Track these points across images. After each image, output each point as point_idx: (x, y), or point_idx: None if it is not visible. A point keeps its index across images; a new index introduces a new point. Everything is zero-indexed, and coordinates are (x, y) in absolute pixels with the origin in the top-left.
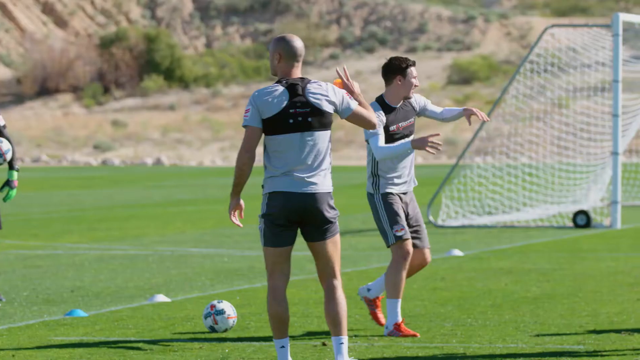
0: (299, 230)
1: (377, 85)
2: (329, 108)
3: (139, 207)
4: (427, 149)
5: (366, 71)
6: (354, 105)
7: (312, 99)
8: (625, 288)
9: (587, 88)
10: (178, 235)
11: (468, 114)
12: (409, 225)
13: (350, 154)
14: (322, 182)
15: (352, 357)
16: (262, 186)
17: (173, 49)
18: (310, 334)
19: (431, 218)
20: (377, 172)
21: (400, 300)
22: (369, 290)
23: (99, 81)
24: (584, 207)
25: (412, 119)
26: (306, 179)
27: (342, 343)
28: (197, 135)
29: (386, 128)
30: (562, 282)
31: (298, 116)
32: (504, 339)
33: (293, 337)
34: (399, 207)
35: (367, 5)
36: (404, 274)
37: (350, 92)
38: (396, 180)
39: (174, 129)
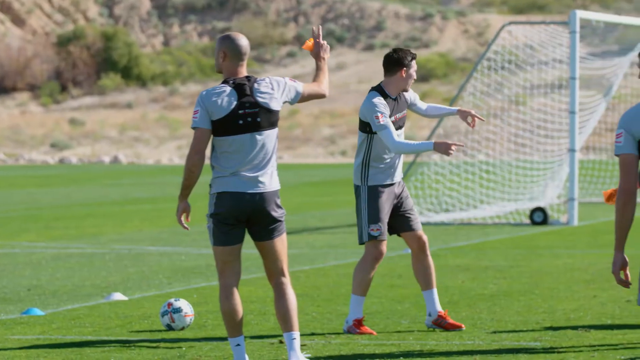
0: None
1: (336, 83)
2: (277, 106)
3: (96, 205)
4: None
5: None
6: (300, 88)
7: (260, 99)
8: (582, 285)
9: (544, 85)
10: (135, 233)
11: (465, 116)
12: (401, 212)
13: (307, 151)
14: (270, 182)
15: (306, 353)
16: (210, 185)
17: (130, 47)
18: (267, 332)
19: None
20: (368, 161)
21: (364, 298)
22: (430, 314)
23: (56, 79)
24: (541, 204)
25: (405, 111)
26: (254, 178)
27: (294, 339)
28: (155, 133)
29: None
30: (519, 279)
31: (247, 117)
32: (461, 336)
33: (250, 335)
34: (382, 204)
35: (325, 3)
36: (372, 274)
37: (317, 55)
38: (386, 171)
39: (132, 127)
